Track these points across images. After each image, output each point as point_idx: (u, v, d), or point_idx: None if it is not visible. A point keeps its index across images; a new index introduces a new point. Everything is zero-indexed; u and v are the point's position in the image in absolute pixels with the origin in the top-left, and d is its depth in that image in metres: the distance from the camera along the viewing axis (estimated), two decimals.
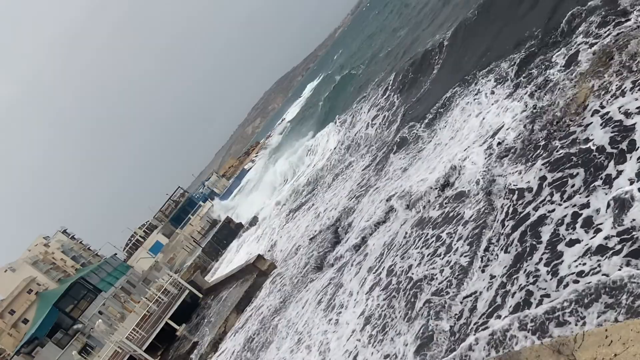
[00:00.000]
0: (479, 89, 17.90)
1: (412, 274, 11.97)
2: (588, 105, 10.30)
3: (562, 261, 7.83)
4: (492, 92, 16.66)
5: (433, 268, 11.23)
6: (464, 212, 12.04)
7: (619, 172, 8.23)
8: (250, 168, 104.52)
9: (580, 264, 7.43)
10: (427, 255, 12.02)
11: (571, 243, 7.97)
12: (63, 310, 50.79)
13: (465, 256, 10.44)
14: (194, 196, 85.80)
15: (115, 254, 71.90)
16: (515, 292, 8.27)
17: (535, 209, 9.56)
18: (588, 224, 8.00)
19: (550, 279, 7.74)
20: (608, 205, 7.77)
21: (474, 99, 17.60)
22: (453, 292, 9.79)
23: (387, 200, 17.47)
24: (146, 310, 33.55)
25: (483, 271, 9.56)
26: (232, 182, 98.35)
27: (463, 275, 9.96)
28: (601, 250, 7.25)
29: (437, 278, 10.75)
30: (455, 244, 11.23)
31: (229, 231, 53.16)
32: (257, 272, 26.40)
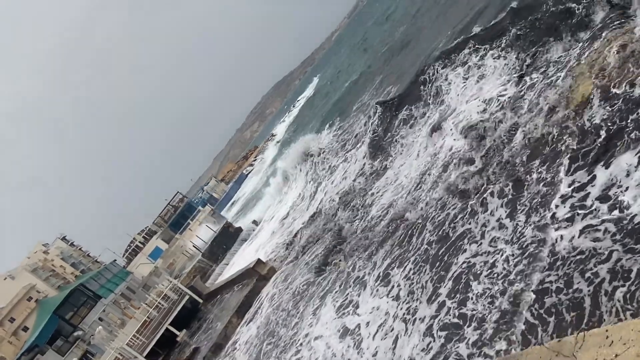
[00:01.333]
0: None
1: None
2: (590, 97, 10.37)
3: None
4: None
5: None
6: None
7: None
8: (250, 172, 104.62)
9: None
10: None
11: None
12: (63, 318, 50.67)
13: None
14: (193, 201, 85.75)
15: (115, 260, 71.80)
16: None
17: None
18: None
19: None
20: None
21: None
22: None
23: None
24: (146, 316, 33.46)
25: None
26: (231, 187, 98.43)
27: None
28: None
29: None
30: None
31: (228, 235, 53.09)
32: (257, 276, 26.36)
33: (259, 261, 27.12)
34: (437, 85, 20.84)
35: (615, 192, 8.25)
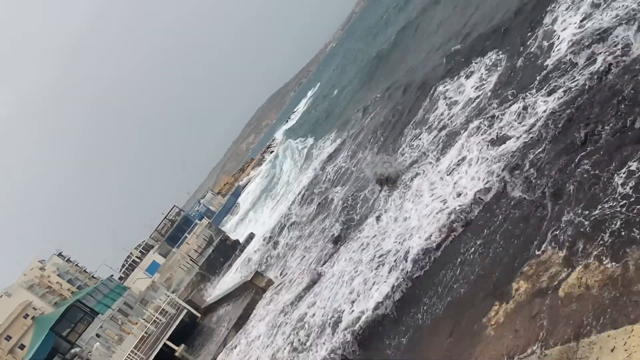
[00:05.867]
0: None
1: None
2: None
3: None
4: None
5: None
6: None
7: None
8: (247, 184, 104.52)
9: None
10: None
11: None
12: (60, 335, 50.16)
13: None
14: (189, 215, 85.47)
15: (112, 275, 71.30)
16: None
17: None
18: None
19: None
20: None
21: None
22: None
23: None
24: (144, 332, 33.18)
25: None
26: (228, 199, 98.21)
27: None
28: None
29: None
30: None
31: (226, 248, 52.79)
32: (254, 289, 26.21)
33: (256, 274, 26.98)
34: None
35: None
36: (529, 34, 17.60)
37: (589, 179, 9.26)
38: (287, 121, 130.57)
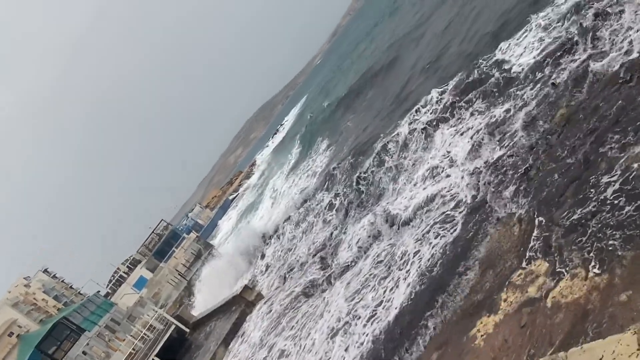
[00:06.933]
0: None
1: None
2: None
3: None
4: None
5: None
6: None
7: None
8: (235, 197, 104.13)
9: None
10: None
11: None
12: (46, 353, 49.26)
13: None
14: (177, 228, 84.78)
15: (99, 291, 70.29)
16: None
17: None
18: None
19: None
20: None
21: None
22: None
23: None
24: (132, 349, 32.70)
25: None
26: (216, 213, 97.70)
27: None
28: None
29: None
30: None
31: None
32: (244, 303, 26.01)
33: (245, 287, 26.79)
34: None
35: None
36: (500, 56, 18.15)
37: (572, 188, 9.37)
38: (276, 133, 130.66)
